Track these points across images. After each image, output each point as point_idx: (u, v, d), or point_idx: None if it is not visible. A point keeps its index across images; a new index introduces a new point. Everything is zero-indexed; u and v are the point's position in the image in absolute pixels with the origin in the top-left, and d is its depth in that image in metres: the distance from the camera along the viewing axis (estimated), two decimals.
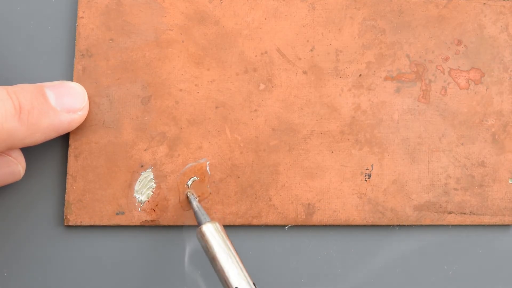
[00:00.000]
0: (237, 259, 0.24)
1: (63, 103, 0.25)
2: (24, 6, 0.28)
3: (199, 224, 0.25)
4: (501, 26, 0.29)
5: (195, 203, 0.26)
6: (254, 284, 0.23)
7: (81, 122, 0.27)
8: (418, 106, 0.29)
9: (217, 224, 0.25)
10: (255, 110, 0.28)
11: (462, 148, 0.29)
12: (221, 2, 0.28)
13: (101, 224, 0.27)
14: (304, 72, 0.29)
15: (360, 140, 0.28)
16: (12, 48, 0.28)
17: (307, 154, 0.28)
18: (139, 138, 0.28)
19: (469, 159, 0.29)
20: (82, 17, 0.28)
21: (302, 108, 0.28)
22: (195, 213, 0.26)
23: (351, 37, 0.29)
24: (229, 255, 0.24)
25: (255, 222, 0.28)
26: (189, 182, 0.28)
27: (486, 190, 0.29)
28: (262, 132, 0.28)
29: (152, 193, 0.27)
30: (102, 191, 0.27)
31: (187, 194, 0.27)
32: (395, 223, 0.28)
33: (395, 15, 0.29)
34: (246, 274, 0.24)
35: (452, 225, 0.29)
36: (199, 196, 0.27)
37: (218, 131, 0.28)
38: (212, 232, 0.24)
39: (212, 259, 0.24)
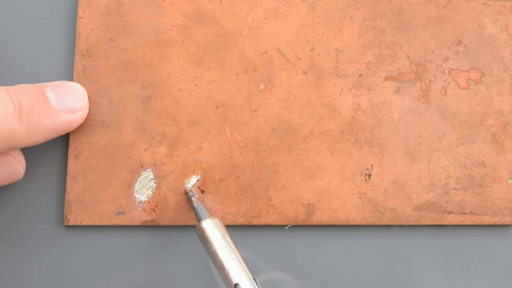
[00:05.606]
0: (238, 255, 0.24)
1: (64, 103, 0.25)
2: (24, 6, 0.28)
3: (198, 221, 0.25)
4: (501, 26, 0.29)
5: (194, 200, 0.26)
6: (254, 279, 0.23)
7: (81, 122, 0.27)
8: (418, 106, 0.29)
9: (217, 220, 0.24)
10: (255, 110, 0.28)
11: (462, 148, 0.29)
12: (221, 2, 0.28)
13: (101, 224, 0.27)
14: (304, 72, 0.29)
15: (360, 140, 0.28)
16: (12, 48, 0.28)
17: (307, 154, 0.28)
18: (139, 138, 0.28)
19: (469, 159, 0.29)
20: (82, 17, 0.28)
21: (302, 108, 0.28)
22: (194, 209, 0.26)
23: (351, 37, 0.29)
24: (229, 251, 0.24)
25: (255, 222, 0.28)
26: (190, 183, 0.28)
27: (486, 190, 0.29)
28: (262, 132, 0.28)
29: (152, 193, 0.27)
30: (102, 191, 0.27)
31: (186, 192, 0.27)
32: (395, 223, 0.28)
33: (395, 15, 0.29)
34: (247, 270, 0.23)
35: (452, 225, 0.29)
36: (203, 191, 0.27)
37: (218, 131, 0.28)
38: (212, 228, 0.24)
39: (212, 255, 0.24)
